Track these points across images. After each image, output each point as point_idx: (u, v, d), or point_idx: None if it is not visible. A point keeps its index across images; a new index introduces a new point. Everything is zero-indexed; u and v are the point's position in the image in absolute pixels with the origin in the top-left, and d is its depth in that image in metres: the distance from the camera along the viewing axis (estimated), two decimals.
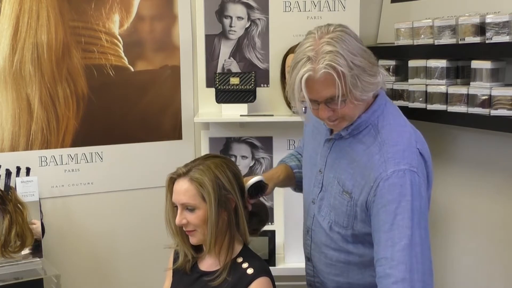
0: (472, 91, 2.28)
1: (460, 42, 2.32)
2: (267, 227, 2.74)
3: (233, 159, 2.82)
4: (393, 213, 1.64)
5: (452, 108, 2.37)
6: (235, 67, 2.80)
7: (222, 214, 1.77)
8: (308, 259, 1.98)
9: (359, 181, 1.73)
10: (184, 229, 1.79)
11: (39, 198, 2.55)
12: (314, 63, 1.62)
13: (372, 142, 1.73)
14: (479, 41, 2.24)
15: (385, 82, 1.79)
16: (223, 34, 2.79)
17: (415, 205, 1.65)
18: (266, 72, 2.80)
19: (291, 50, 2.68)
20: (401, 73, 2.72)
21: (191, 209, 1.76)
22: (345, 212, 1.78)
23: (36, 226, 2.50)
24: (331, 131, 1.85)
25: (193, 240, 1.80)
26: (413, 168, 1.67)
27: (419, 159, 1.71)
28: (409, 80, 2.58)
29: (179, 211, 1.77)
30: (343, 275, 1.85)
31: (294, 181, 2.11)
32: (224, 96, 2.71)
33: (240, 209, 1.79)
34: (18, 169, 2.57)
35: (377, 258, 1.67)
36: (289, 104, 2.77)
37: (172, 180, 1.80)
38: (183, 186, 1.76)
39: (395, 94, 2.67)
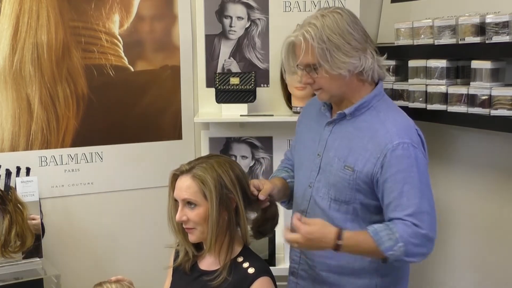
0: (472, 91, 2.28)
1: (460, 42, 2.32)
2: None
3: (233, 159, 2.82)
4: (402, 182, 1.78)
5: (452, 108, 2.37)
6: (235, 67, 2.80)
7: (223, 214, 1.77)
8: None
9: (363, 154, 1.84)
10: (183, 226, 1.80)
11: (39, 198, 2.55)
12: (297, 31, 1.86)
13: (374, 120, 1.87)
14: (479, 41, 2.24)
15: (379, 72, 1.93)
16: (223, 34, 2.79)
17: (422, 178, 1.80)
18: (266, 72, 2.80)
19: None
20: (401, 73, 2.72)
21: (192, 206, 1.76)
22: (347, 186, 1.87)
23: (36, 222, 2.50)
24: (331, 115, 1.98)
25: (192, 237, 1.80)
26: (415, 144, 1.82)
27: (418, 139, 1.86)
28: (409, 80, 2.58)
29: (179, 207, 1.78)
30: (334, 258, 1.91)
31: (289, 192, 2.12)
32: (224, 96, 2.71)
33: (241, 210, 1.79)
34: (18, 169, 2.57)
35: (387, 218, 1.81)
36: (289, 104, 2.77)
37: (175, 177, 1.81)
38: (185, 183, 1.77)
39: (395, 94, 2.67)
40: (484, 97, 2.23)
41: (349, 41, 1.82)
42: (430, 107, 2.46)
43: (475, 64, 2.28)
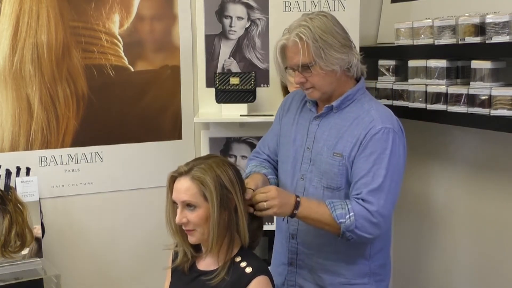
0: (472, 91, 2.28)
1: (460, 42, 2.32)
2: (266, 227, 2.74)
3: (233, 159, 2.82)
4: (372, 162, 1.92)
5: (452, 108, 2.37)
6: (235, 67, 2.80)
7: (223, 214, 1.76)
8: (292, 236, 2.12)
9: (350, 140, 1.97)
10: (183, 228, 1.79)
11: (39, 198, 2.55)
12: (288, 34, 1.98)
13: (359, 110, 2.01)
14: (479, 41, 2.24)
15: (361, 68, 2.06)
16: (223, 34, 2.79)
17: (392, 160, 1.92)
18: (266, 72, 2.80)
19: None
20: (401, 73, 2.72)
21: (191, 208, 1.75)
22: (337, 172, 1.99)
23: (36, 231, 2.51)
24: (317, 111, 2.09)
25: (192, 239, 1.79)
26: (396, 129, 1.96)
27: (399, 128, 2.00)
28: (409, 80, 2.58)
29: (179, 209, 1.76)
30: (331, 245, 2.02)
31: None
32: (224, 96, 2.71)
33: (240, 209, 1.79)
34: (18, 169, 2.57)
35: (351, 195, 1.94)
36: None
37: (173, 179, 1.80)
38: (184, 185, 1.75)
39: (395, 94, 2.67)
40: (484, 97, 2.23)
41: (338, 39, 1.96)
42: (430, 107, 2.46)
43: (475, 64, 2.28)
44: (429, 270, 2.87)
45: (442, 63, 2.42)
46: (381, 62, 2.75)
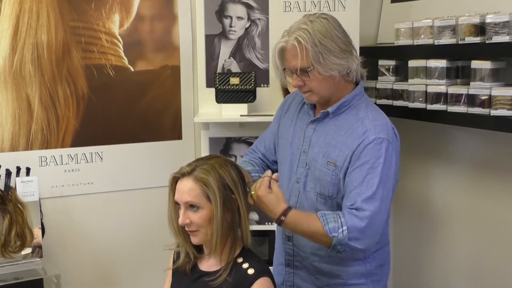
0: (472, 91, 2.28)
1: (460, 42, 2.32)
2: (266, 227, 2.74)
3: (233, 159, 2.82)
4: (366, 172, 1.91)
5: (452, 108, 2.37)
6: (235, 67, 2.80)
7: (226, 215, 1.76)
8: (288, 238, 2.13)
9: (344, 151, 1.96)
10: (186, 228, 1.78)
11: (39, 198, 2.55)
12: (287, 37, 1.95)
13: (354, 119, 1.99)
14: (479, 41, 2.24)
15: (361, 72, 2.04)
16: (223, 34, 2.79)
17: (384, 169, 1.91)
18: (266, 72, 2.80)
19: None
20: (401, 73, 2.72)
21: (194, 208, 1.75)
22: (330, 181, 1.98)
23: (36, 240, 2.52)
24: (314, 114, 2.08)
25: (195, 240, 1.79)
26: (390, 139, 1.95)
27: (393, 136, 1.99)
28: (409, 80, 2.58)
29: (182, 210, 1.76)
30: (324, 249, 1.99)
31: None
32: (224, 96, 2.71)
33: (243, 209, 1.78)
34: (18, 169, 2.57)
35: (344, 205, 1.92)
36: None
37: (175, 179, 1.79)
38: (187, 186, 1.75)
39: (395, 94, 2.67)
40: (484, 97, 2.23)
41: (338, 44, 1.93)
42: (430, 107, 2.46)
43: (475, 64, 2.28)
44: (429, 270, 2.87)
45: (442, 63, 2.42)
46: (381, 62, 2.76)
